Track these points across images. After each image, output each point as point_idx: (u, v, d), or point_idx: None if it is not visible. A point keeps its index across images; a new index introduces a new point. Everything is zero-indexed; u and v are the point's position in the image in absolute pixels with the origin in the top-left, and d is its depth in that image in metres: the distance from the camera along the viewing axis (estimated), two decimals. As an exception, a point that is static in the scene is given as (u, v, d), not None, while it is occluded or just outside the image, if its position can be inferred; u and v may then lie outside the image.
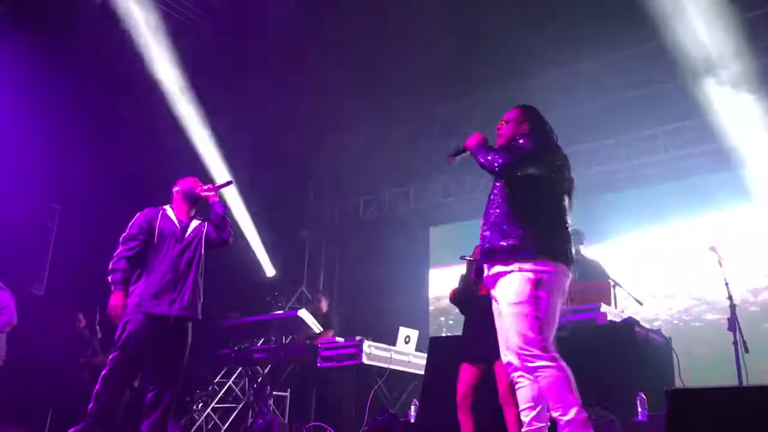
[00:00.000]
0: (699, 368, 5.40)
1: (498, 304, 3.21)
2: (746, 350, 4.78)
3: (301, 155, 9.55)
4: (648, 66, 7.59)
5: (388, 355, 6.55)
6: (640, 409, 4.23)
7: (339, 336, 6.95)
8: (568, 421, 2.86)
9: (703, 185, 7.87)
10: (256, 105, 8.29)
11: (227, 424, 7.46)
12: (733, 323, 4.91)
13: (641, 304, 6.20)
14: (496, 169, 3.19)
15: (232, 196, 8.39)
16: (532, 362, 2.97)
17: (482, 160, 3.25)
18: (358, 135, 9.76)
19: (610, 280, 5.82)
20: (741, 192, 7.35)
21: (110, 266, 4.32)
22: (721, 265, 5.14)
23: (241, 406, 7.58)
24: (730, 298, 5.02)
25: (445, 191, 9.48)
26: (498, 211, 3.24)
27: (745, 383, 4.60)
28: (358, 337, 6.52)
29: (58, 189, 7.75)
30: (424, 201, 9.73)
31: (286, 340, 7.18)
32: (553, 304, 3.07)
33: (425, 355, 5.80)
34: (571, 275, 3.22)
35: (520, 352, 3.01)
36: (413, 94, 8.41)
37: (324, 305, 7.66)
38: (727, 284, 5.07)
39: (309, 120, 7.74)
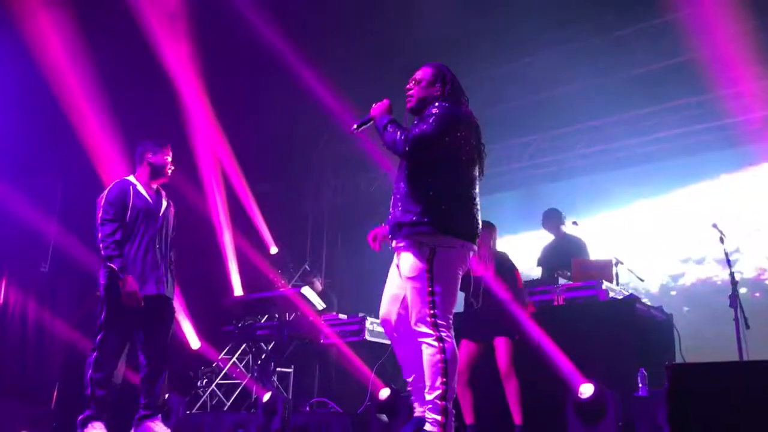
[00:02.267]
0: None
1: (401, 277, 3.22)
2: (747, 326, 4.82)
3: (305, 133, 9.52)
4: (650, 44, 7.52)
5: (390, 331, 6.58)
6: (640, 385, 4.27)
7: (341, 313, 6.99)
8: (429, 400, 3.00)
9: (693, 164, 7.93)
10: (261, 86, 8.25)
11: (231, 400, 7.53)
12: (734, 300, 4.94)
13: (642, 280, 6.25)
14: (402, 155, 3.19)
15: (235, 173, 8.36)
16: (421, 337, 3.07)
17: (387, 140, 3.23)
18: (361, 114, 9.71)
19: (612, 258, 5.84)
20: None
21: (104, 252, 4.13)
22: (722, 241, 5.17)
23: (245, 382, 7.64)
24: (731, 274, 5.05)
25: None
26: (401, 185, 3.24)
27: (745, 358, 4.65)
28: (360, 314, 6.56)
29: (60, 166, 7.73)
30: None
31: (289, 317, 7.22)
32: (451, 280, 3.13)
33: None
34: (476, 249, 3.25)
35: (414, 328, 3.10)
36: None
37: (318, 285, 7.67)
38: (729, 261, 5.10)
39: (314, 99, 7.68)
